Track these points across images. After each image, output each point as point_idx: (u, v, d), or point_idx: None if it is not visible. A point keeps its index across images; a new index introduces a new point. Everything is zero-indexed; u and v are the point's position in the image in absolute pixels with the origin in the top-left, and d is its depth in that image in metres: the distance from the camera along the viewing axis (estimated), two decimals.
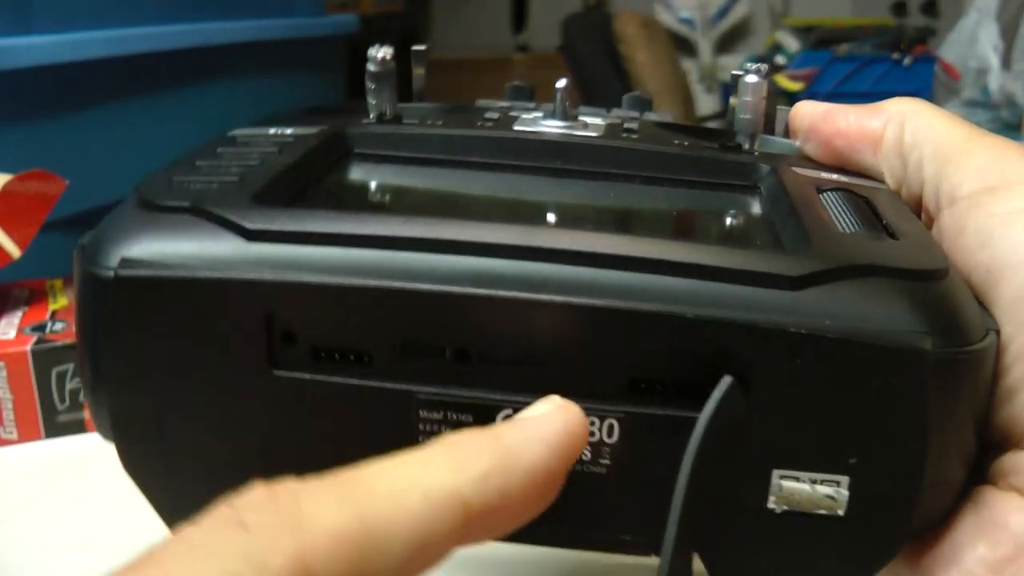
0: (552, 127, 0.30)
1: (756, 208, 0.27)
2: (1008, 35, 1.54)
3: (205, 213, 0.22)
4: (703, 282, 0.21)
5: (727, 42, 2.82)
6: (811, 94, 1.56)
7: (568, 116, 0.30)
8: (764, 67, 0.29)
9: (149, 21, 1.04)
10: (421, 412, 0.22)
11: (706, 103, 2.70)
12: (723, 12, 2.76)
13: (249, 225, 0.22)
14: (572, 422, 0.19)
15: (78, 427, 0.48)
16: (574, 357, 0.21)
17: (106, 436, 0.24)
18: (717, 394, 0.20)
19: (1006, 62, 1.54)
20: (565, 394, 0.21)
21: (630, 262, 0.21)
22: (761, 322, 0.20)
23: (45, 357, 0.47)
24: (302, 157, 0.27)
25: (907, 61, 1.53)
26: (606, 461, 0.22)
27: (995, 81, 1.51)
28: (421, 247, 0.21)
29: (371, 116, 0.32)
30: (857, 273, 0.21)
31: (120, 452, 0.23)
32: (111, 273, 0.22)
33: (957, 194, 0.24)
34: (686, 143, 0.30)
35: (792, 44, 1.66)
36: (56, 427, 0.48)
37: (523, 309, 0.21)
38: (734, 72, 0.30)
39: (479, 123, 0.31)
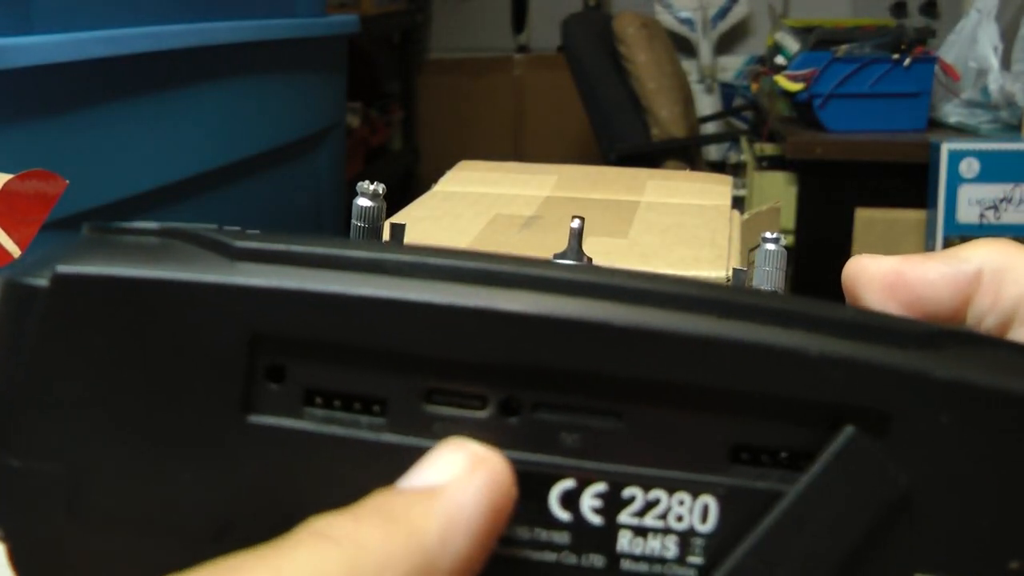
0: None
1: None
2: (1008, 35, 1.55)
3: (178, 233, 0.18)
4: (816, 335, 0.17)
5: (727, 42, 2.82)
6: (811, 94, 1.56)
7: (582, 256, 0.26)
8: (782, 236, 0.26)
9: (149, 21, 1.04)
10: None
11: (706, 103, 2.70)
12: (723, 12, 2.76)
13: (235, 243, 0.17)
14: (495, 476, 0.15)
15: None
16: (668, 405, 0.17)
17: None
18: (835, 446, 0.17)
19: (1006, 63, 1.54)
20: (647, 461, 0.17)
21: (739, 309, 0.17)
22: (900, 366, 0.17)
23: None
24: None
25: (907, 62, 1.53)
26: (697, 559, 0.17)
27: (995, 81, 1.51)
28: (458, 276, 0.17)
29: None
30: (973, 341, 0.18)
31: (16, 539, 0.17)
32: (44, 281, 0.16)
33: None
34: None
35: (792, 44, 1.66)
36: None
37: (606, 339, 0.16)
38: (762, 237, 0.26)
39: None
